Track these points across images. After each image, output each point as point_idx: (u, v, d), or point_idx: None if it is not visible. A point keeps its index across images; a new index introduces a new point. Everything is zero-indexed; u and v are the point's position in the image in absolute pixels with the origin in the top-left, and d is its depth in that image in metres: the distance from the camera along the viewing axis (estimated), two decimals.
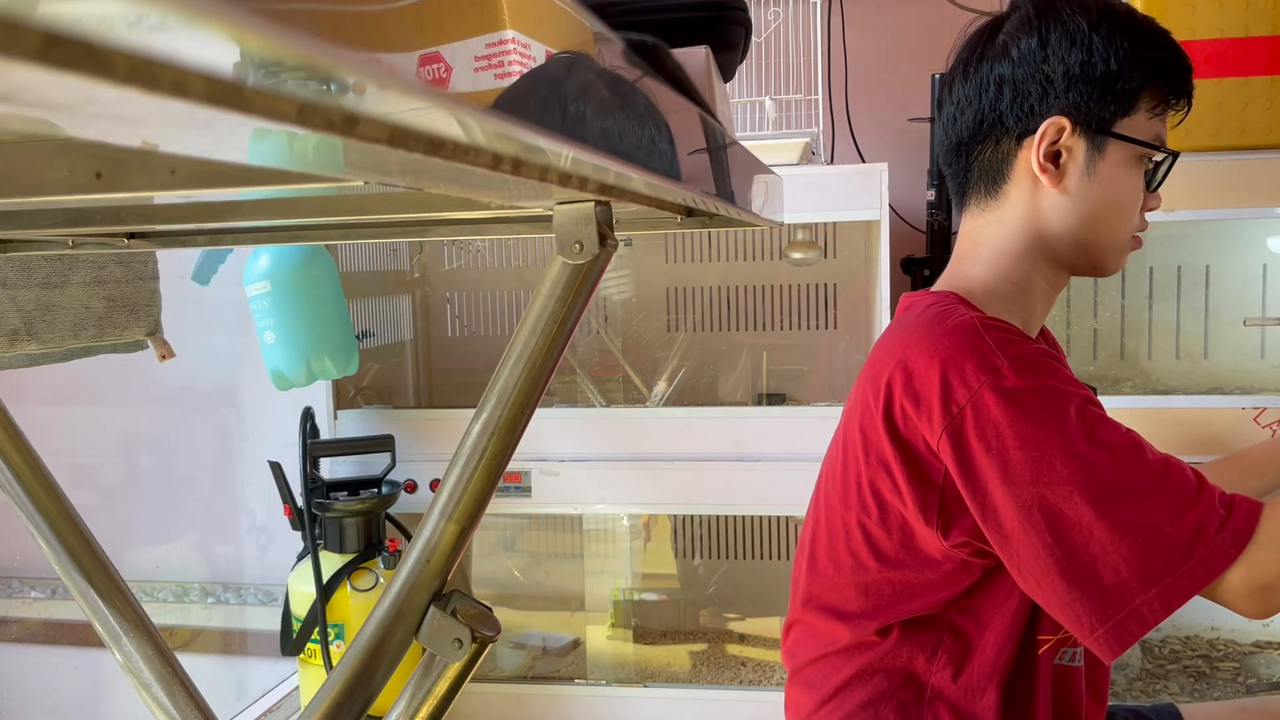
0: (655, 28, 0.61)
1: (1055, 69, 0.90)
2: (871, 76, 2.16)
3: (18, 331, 0.97)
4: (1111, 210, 0.92)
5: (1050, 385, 0.80)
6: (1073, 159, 0.91)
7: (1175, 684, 1.77)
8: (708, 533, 2.15)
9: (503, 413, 0.51)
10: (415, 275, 2.22)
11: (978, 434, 0.79)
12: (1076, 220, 0.92)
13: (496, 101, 0.27)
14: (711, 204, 0.57)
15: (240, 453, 2.31)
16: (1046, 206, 0.93)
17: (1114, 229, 0.93)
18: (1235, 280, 1.85)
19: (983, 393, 0.79)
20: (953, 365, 0.81)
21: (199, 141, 0.24)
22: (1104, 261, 0.95)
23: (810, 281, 2.08)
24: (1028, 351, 0.82)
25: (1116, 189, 0.92)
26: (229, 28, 0.16)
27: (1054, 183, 0.91)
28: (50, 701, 2.27)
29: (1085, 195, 0.91)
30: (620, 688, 1.82)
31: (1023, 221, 0.94)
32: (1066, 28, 0.90)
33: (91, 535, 0.69)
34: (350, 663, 0.53)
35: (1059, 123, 0.90)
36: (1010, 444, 0.78)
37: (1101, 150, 0.91)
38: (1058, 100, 0.90)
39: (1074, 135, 0.90)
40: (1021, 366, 0.80)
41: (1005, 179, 0.94)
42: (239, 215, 0.62)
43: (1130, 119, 0.90)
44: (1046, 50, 0.90)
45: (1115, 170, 0.91)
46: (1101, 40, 0.89)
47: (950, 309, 0.88)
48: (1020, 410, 0.79)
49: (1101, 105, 0.90)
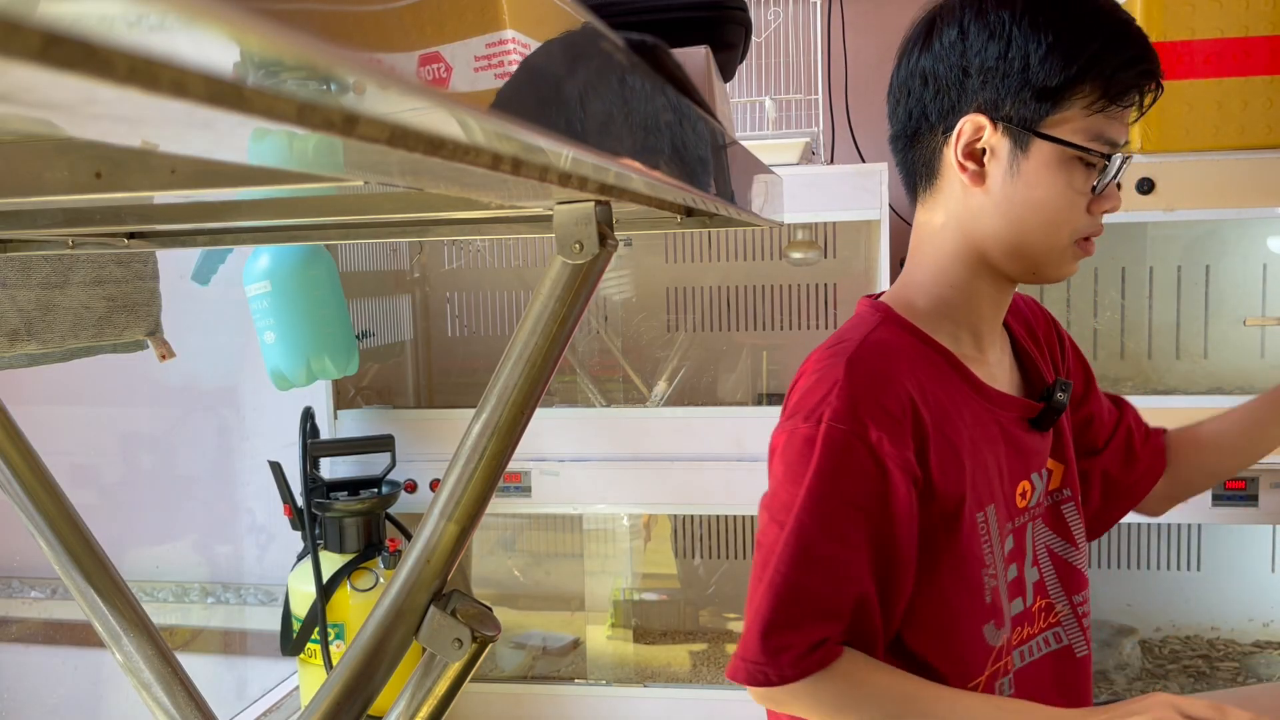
0: (655, 28, 0.61)
1: (972, 62, 0.85)
2: (871, 76, 2.16)
3: (18, 331, 0.97)
4: (1039, 213, 0.86)
5: (823, 469, 0.83)
6: (995, 158, 0.86)
7: (1175, 684, 1.77)
8: (708, 533, 2.15)
9: (503, 413, 0.51)
10: (415, 275, 2.22)
11: (782, 452, 0.87)
12: (1003, 223, 0.87)
13: (498, 97, 0.27)
14: (711, 204, 0.57)
15: (240, 453, 2.31)
16: (974, 207, 0.88)
17: (1045, 234, 0.87)
18: (1235, 280, 1.85)
19: (798, 424, 0.86)
20: (807, 387, 0.87)
21: (199, 141, 0.24)
22: (1041, 268, 0.89)
23: (810, 281, 2.08)
24: (857, 428, 0.83)
25: (1043, 191, 0.85)
26: (229, 28, 0.16)
27: (976, 182, 0.87)
28: (50, 701, 2.27)
29: (1010, 197, 0.86)
30: (620, 688, 1.82)
31: (956, 221, 0.90)
32: (987, 19, 0.85)
33: (91, 535, 0.69)
34: (350, 663, 0.53)
35: (976, 120, 0.86)
36: (778, 476, 0.87)
37: (1025, 149, 0.85)
38: (976, 96, 0.86)
39: (995, 133, 0.85)
40: (833, 436, 0.83)
41: (937, 175, 0.91)
42: (239, 215, 0.62)
43: (1060, 115, 0.84)
44: (965, 43, 0.85)
45: (1042, 171, 0.85)
46: (1023, 32, 0.83)
47: (853, 331, 0.91)
48: (796, 460, 0.85)
49: (1022, 102, 0.84)
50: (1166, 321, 1.87)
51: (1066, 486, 1.00)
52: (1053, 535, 0.99)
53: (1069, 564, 0.99)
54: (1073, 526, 1.00)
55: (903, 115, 0.93)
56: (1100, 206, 0.87)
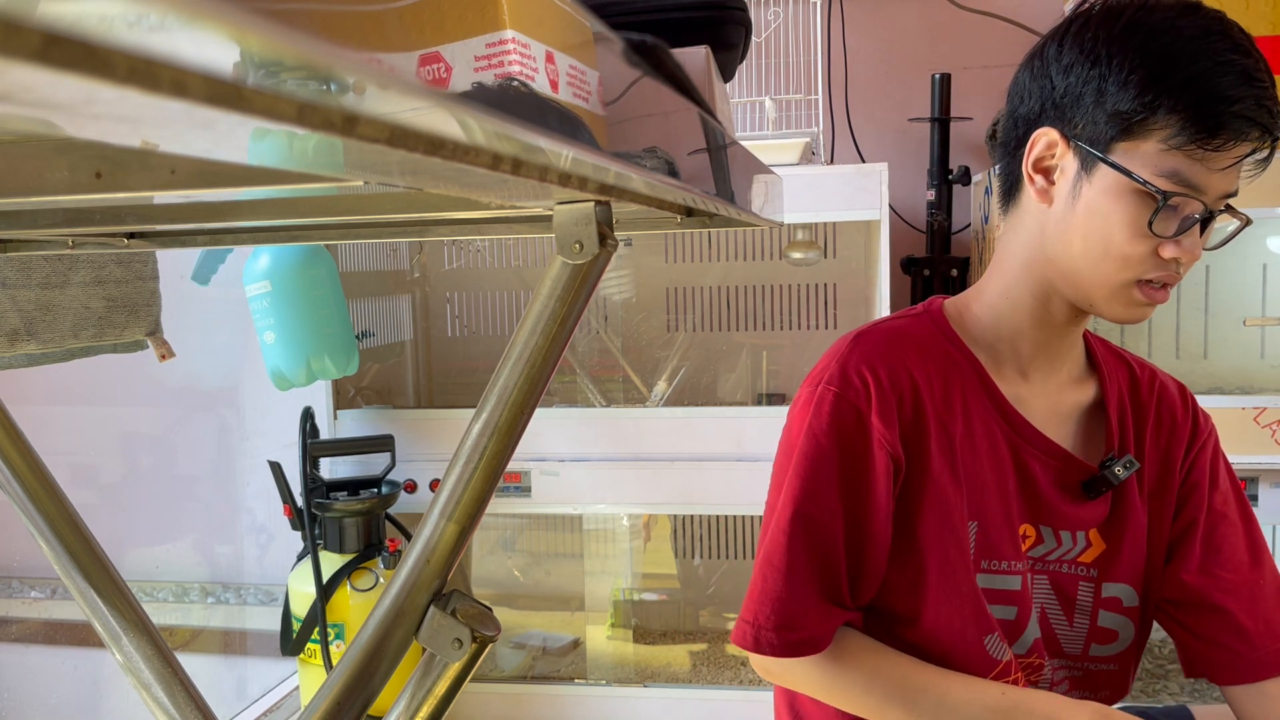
0: (655, 28, 0.61)
1: (1059, 79, 0.84)
2: (871, 76, 2.16)
3: (18, 331, 0.97)
4: (1090, 241, 0.83)
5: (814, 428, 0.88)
6: (1063, 176, 0.85)
7: (1175, 684, 1.77)
8: (708, 533, 2.15)
9: (503, 413, 0.51)
10: (415, 275, 2.22)
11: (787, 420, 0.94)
12: (1059, 245, 0.86)
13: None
14: (711, 204, 0.56)
15: (240, 453, 2.31)
16: (1042, 224, 0.87)
17: (1094, 263, 0.83)
18: (1235, 280, 1.85)
19: (802, 389, 0.92)
20: (824, 361, 0.93)
21: (199, 141, 0.24)
22: (1093, 301, 0.86)
23: (810, 281, 2.08)
24: (848, 392, 0.88)
25: (1099, 219, 0.82)
26: (229, 28, 0.16)
27: (1042, 199, 0.86)
28: (50, 701, 2.27)
29: (1067, 218, 0.85)
30: (620, 688, 1.82)
31: (1027, 235, 0.89)
32: (1084, 38, 0.83)
33: (91, 535, 0.69)
34: (350, 663, 0.53)
35: (1050, 135, 0.85)
36: (781, 443, 0.94)
37: (1090, 172, 0.83)
38: (1053, 112, 0.85)
39: (1066, 151, 0.84)
40: (825, 398, 0.88)
41: (1019, 189, 0.90)
42: (239, 215, 0.62)
43: (1134, 143, 0.80)
44: (1061, 60, 0.84)
45: (1101, 198, 0.82)
46: (1111, 54, 0.81)
47: (880, 321, 0.96)
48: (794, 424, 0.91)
49: (1094, 123, 0.82)
50: (1166, 321, 1.87)
51: (1103, 571, 0.93)
52: (1052, 600, 0.93)
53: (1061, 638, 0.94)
54: (1080, 608, 0.93)
55: (1004, 124, 0.92)
56: (1168, 252, 0.82)
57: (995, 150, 0.96)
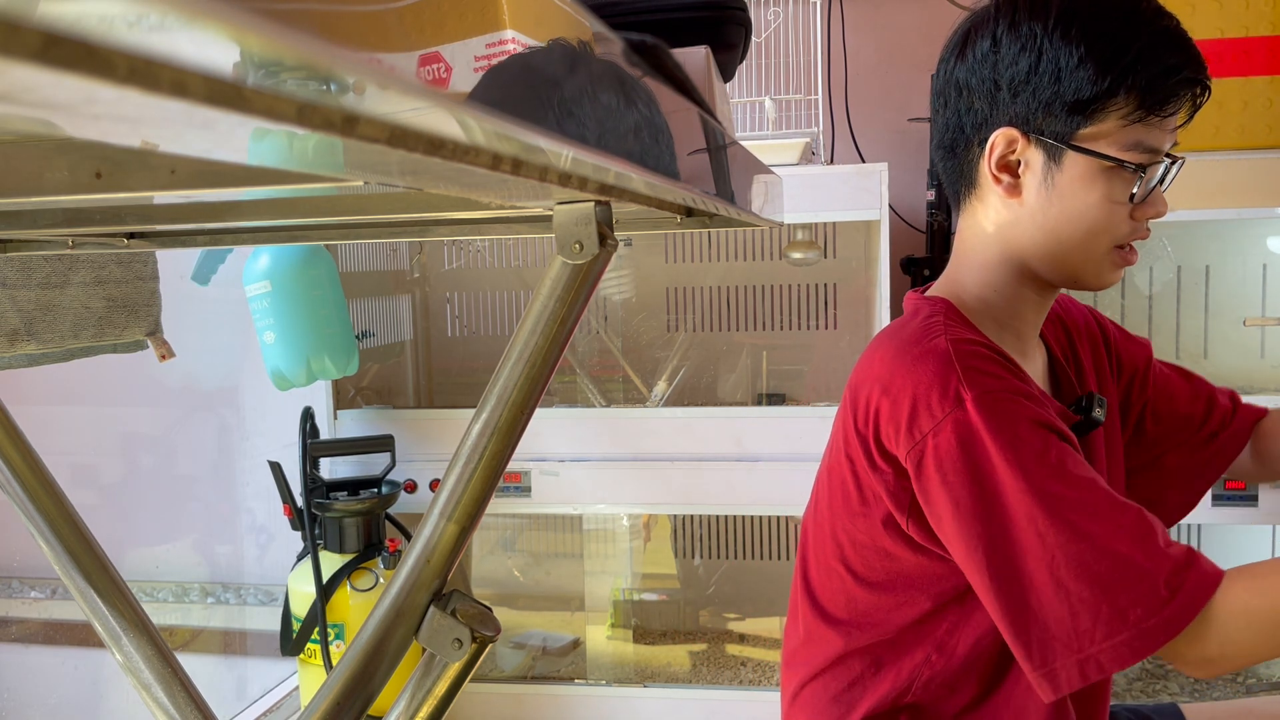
0: (655, 28, 0.62)
1: (1004, 75, 0.84)
2: (871, 76, 2.16)
3: (18, 331, 0.97)
4: (1076, 225, 0.85)
5: (1011, 426, 0.77)
6: (1030, 171, 0.85)
7: (1175, 684, 1.77)
8: (708, 533, 2.15)
9: (503, 413, 0.51)
10: (415, 275, 2.22)
11: (935, 465, 0.79)
12: (1040, 234, 0.86)
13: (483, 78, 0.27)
14: (711, 204, 0.57)
15: (240, 453, 2.32)
16: (1012, 218, 0.88)
17: (1082, 244, 0.86)
18: (1235, 280, 1.85)
19: (945, 424, 0.78)
20: (921, 393, 0.80)
21: (199, 141, 0.24)
22: (1081, 277, 0.88)
23: (810, 281, 2.08)
24: (995, 387, 0.78)
25: (1079, 203, 0.84)
26: (229, 28, 0.16)
27: (1010, 195, 0.86)
28: (50, 701, 2.27)
29: (1045, 209, 0.85)
30: (620, 688, 1.82)
31: (995, 229, 0.89)
32: (1019, 30, 0.83)
33: (91, 535, 0.69)
34: (350, 663, 0.53)
35: (1009, 134, 0.84)
36: (962, 480, 0.77)
37: (1059, 162, 0.84)
38: (1006, 109, 0.84)
39: (1028, 146, 0.84)
40: (986, 403, 0.77)
41: (975, 185, 0.90)
42: (239, 215, 0.62)
43: (1095, 127, 0.82)
44: (997, 54, 0.84)
45: (1077, 184, 0.84)
46: (1054, 45, 0.81)
47: (931, 327, 0.85)
48: (975, 448, 0.77)
49: (1054, 115, 0.82)
50: (1166, 321, 1.87)
51: None
52: None
53: None
54: None
55: (941, 125, 0.92)
56: (1144, 213, 0.85)
57: (936, 152, 0.95)
